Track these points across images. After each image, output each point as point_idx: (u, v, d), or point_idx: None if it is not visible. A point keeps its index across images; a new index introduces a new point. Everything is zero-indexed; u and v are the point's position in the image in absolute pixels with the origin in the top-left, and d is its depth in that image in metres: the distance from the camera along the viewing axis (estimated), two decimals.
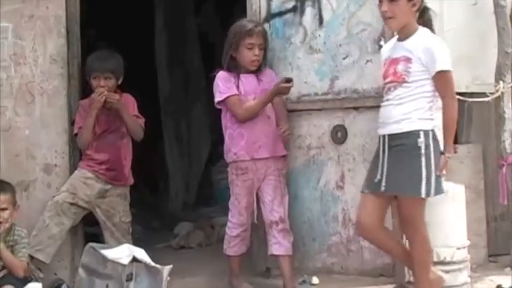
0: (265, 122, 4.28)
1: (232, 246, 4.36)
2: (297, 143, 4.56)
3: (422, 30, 3.68)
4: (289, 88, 4.20)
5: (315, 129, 4.52)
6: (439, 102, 3.64)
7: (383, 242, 3.76)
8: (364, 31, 4.37)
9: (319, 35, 4.51)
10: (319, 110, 4.50)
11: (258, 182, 4.27)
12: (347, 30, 4.43)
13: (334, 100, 4.47)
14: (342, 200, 4.46)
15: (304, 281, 4.43)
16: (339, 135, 4.44)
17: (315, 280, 4.42)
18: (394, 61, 3.68)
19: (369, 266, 4.40)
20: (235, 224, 4.33)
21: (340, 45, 4.46)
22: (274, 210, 4.26)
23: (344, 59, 4.44)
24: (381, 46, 4.13)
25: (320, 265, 4.52)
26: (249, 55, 4.25)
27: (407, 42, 3.65)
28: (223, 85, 4.26)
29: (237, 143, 4.26)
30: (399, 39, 3.72)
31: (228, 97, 4.24)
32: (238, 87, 4.26)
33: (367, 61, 4.37)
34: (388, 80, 3.70)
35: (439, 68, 3.59)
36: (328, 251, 4.51)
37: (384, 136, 3.67)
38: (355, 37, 4.38)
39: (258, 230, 4.50)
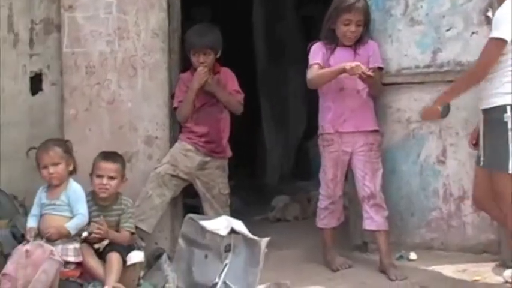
0: (353, 96, 4.26)
1: (322, 219, 4.38)
2: (395, 117, 4.49)
3: None
4: (356, 71, 4.08)
5: (415, 103, 4.44)
6: None
7: (496, 214, 3.75)
8: (469, 2, 4.24)
9: (422, 7, 4.41)
10: (420, 83, 4.41)
11: (345, 155, 4.26)
12: (451, 1, 4.32)
13: (436, 73, 4.37)
14: (443, 175, 4.39)
15: (401, 256, 4.38)
16: (441, 108, 4.34)
17: (413, 256, 4.36)
18: None
19: (472, 241, 4.33)
20: (323, 195, 4.35)
21: (444, 16, 4.35)
22: (365, 185, 4.24)
23: (447, 30, 4.33)
24: (488, 17, 4.00)
25: (419, 240, 4.46)
26: (344, 30, 4.23)
27: None
28: (311, 55, 4.30)
29: (324, 116, 4.30)
30: None
31: (310, 65, 4.24)
32: (329, 59, 4.25)
33: (473, 33, 4.25)
34: None
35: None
36: (428, 226, 4.45)
37: (481, 110, 3.68)
38: (460, 8, 4.25)
39: (353, 204, 4.48)
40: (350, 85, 4.24)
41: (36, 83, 4.63)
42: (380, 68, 4.33)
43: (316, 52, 4.30)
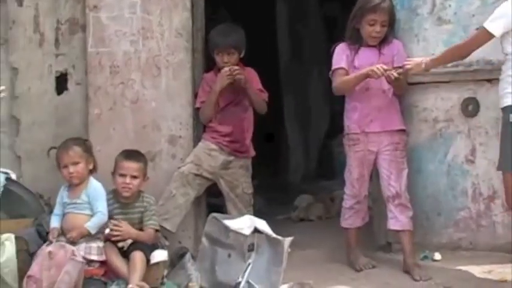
0: (379, 96, 4.25)
1: (347, 218, 4.37)
2: (422, 116, 4.46)
3: None
4: (380, 73, 4.07)
5: (442, 102, 4.41)
6: None
7: None
8: (499, 0, 4.20)
9: (450, 6, 4.39)
10: (448, 82, 4.39)
11: (371, 155, 4.26)
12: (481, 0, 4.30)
13: (465, 72, 4.33)
14: (472, 174, 4.37)
15: (426, 257, 4.36)
16: (470, 108, 4.32)
17: (437, 256, 4.34)
18: None
19: (501, 241, 4.31)
20: (348, 195, 4.34)
21: (473, 15, 4.32)
22: (390, 185, 4.23)
23: (477, 29, 4.29)
24: None
25: (446, 240, 4.44)
26: (369, 30, 4.22)
27: None
28: (335, 57, 4.29)
29: (350, 116, 4.30)
30: None
31: (335, 69, 4.23)
32: (353, 60, 4.24)
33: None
34: None
35: None
36: (456, 226, 4.42)
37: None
38: (491, 7, 4.18)
39: (378, 203, 4.46)
40: (376, 85, 4.23)
41: (61, 83, 4.66)
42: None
43: (340, 55, 4.28)
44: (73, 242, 3.93)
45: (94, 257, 3.99)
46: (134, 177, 4.12)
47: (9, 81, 4.64)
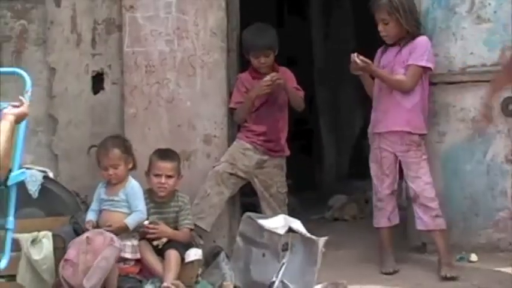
0: (387, 97, 4.26)
1: (375, 217, 4.39)
2: (459, 116, 4.42)
3: None
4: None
5: (481, 101, 4.36)
6: None
7: None
8: None
9: (489, 4, 4.35)
10: (487, 81, 4.33)
11: (385, 153, 4.27)
12: None
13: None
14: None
15: (462, 258, 4.32)
16: (510, 107, 4.26)
17: (474, 257, 4.30)
18: None
19: None
20: (373, 192, 4.39)
21: None
22: (409, 186, 4.24)
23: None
24: None
25: (484, 241, 4.40)
26: (379, 30, 4.23)
27: None
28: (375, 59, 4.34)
29: (371, 115, 4.37)
30: None
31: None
32: (380, 61, 4.30)
33: None
34: None
35: None
36: (495, 227, 4.39)
37: None
38: None
39: (411, 204, 4.43)
40: (385, 86, 4.22)
41: (97, 82, 4.70)
42: (421, 67, 4.21)
43: (375, 58, 4.34)
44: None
45: (128, 255, 4.02)
46: (169, 176, 4.15)
47: (47, 80, 4.69)
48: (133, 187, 4.11)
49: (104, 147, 4.13)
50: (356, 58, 4.14)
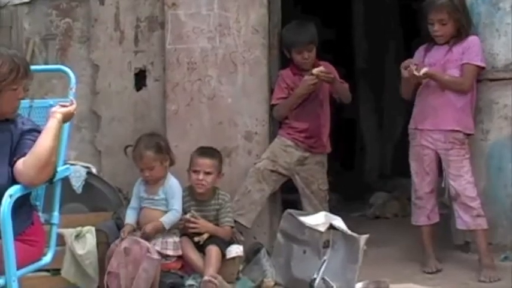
0: (437, 94, 4.20)
1: (413, 215, 4.37)
2: (502, 113, 4.35)
3: None
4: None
5: None
6: None
7: None
8: None
9: None
10: None
11: (427, 151, 4.24)
12: None
13: None
14: None
15: (506, 258, 4.26)
16: None
17: None
18: None
19: None
20: (412, 189, 4.35)
21: None
22: (450, 184, 4.18)
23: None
24: None
25: None
26: (431, 30, 4.18)
27: None
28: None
29: (413, 111, 4.34)
30: None
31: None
32: (424, 59, 4.23)
33: None
34: None
35: None
36: None
37: None
38: None
39: (452, 203, 4.38)
40: (434, 83, 4.17)
41: (140, 79, 4.74)
42: (477, 66, 4.18)
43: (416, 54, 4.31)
44: (147, 238, 3.99)
45: (170, 252, 4.05)
46: (208, 173, 4.17)
47: (90, 77, 4.75)
48: (172, 185, 4.14)
49: (137, 149, 4.15)
50: (415, 72, 4.08)
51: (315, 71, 4.37)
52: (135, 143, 4.24)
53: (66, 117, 3.09)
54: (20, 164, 2.95)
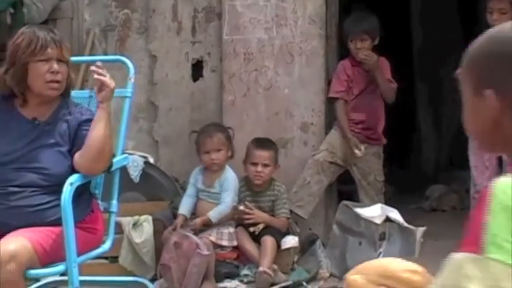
0: None
1: (472, 209, 4.26)
2: None
3: None
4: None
5: None
6: None
7: None
8: None
9: None
10: None
11: None
12: None
13: None
14: None
15: None
16: None
17: None
18: None
19: None
20: (472, 185, 4.30)
21: None
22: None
23: None
24: None
25: None
26: (489, 19, 4.08)
27: None
28: None
29: None
30: None
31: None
32: None
33: None
34: None
35: None
36: None
37: None
38: None
39: None
40: None
41: (197, 70, 4.76)
42: None
43: None
44: (197, 232, 4.00)
45: (225, 243, 4.06)
46: (265, 165, 4.17)
47: (148, 68, 4.79)
48: (228, 179, 4.14)
49: (208, 131, 4.18)
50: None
51: (361, 54, 4.33)
52: (202, 128, 4.25)
53: (108, 97, 3.01)
54: (77, 156, 2.99)
